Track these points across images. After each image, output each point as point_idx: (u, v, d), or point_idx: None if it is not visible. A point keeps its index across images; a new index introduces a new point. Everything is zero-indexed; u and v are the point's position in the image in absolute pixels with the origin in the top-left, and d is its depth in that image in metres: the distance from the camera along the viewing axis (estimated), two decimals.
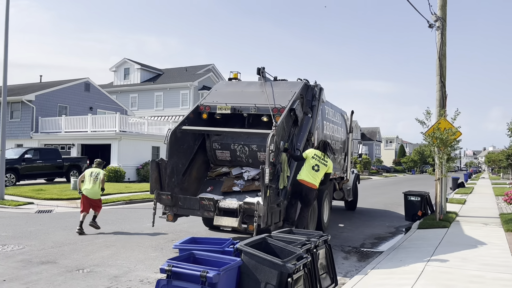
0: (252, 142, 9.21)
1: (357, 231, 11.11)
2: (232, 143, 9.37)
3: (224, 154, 9.56)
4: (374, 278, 6.30)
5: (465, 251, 7.98)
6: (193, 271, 3.92)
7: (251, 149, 9.26)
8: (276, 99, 8.89)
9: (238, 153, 9.40)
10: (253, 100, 9.06)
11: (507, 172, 49.06)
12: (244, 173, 9.33)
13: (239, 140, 9.30)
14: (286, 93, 9.00)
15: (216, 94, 9.74)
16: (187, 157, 9.21)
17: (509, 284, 5.81)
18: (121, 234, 9.86)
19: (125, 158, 25.32)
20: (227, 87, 10.06)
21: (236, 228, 7.49)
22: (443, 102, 13.01)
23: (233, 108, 9.03)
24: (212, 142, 9.55)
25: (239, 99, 9.25)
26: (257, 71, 9.73)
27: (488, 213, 14.37)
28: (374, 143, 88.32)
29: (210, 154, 9.69)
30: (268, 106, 8.67)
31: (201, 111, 9.42)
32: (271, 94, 9.09)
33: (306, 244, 4.98)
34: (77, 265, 6.99)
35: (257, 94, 9.29)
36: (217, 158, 9.69)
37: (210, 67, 44.88)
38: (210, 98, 9.57)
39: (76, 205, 15.11)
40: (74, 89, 31.57)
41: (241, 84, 10.09)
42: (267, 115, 8.76)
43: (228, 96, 9.46)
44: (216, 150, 9.59)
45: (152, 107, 41.25)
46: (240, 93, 9.52)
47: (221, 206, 7.73)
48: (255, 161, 9.31)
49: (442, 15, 13.13)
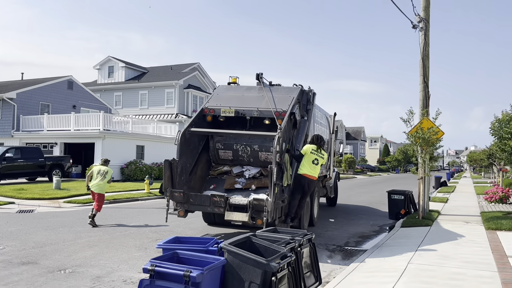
0: (254, 142, 9.91)
1: (341, 230, 11.19)
2: (234, 143, 10.03)
3: (227, 153, 10.21)
4: (358, 276, 6.35)
5: (447, 248, 8.10)
6: (176, 270, 3.89)
7: (252, 149, 9.94)
8: (276, 104, 9.59)
9: (240, 152, 10.07)
10: (255, 104, 9.80)
11: (488, 171, 49.96)
12: (245, 171, 9.96)
13: (242, 140, 9.97)
14: (285, 98, 9.76)
15: (218, 97, 10.35)
16: (194, 156, 9.85)
17: (489, 281, 5.91)
18: (105, 234, 9.75)
19: (109, 157, 24.64)
20: (228, 91, 10.67)
21: (246, 222, 8.17)
22: (426, 102, 13.18)
23: (236, 111, 9.72)
24: (216, 143, 10.18)
25: (241, 103, 9.96)
26: (256, 76, 10.56)
27: (469, 211, 14.61)
28: (358, 142, 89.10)
29: (213, 154, 10.31)
30: (271, 110, 9.41)
31: (205, 113, 10.05)
32: (271, 99, 9.80)
33: (290, 243, 4.99)
34: (58, 265, 6.89)
35: (258, 98, 10.04)
36: (220, 157, 10.31)
37: (195, 65, 44.69)
38: (213, 101, 10.18)
39: (59, 205, 14.91)
40: (56, 87, 31.08)
41: (241, 88, 10.73)
42: (269, 118, 9.52)
43: (230, 99, 10.12)
44: (219, 150, 10.22)
45: (137, 106, 40.86)
46: (241, 97, 10.20)
47: (232, 202, 8.34)
48: (256, 160, 10.04)
49: (425, 16, 13.30)
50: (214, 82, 47.39)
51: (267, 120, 9.62)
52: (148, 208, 14.85)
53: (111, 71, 43.22)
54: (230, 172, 10.09)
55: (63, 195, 16.57)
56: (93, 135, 25.00)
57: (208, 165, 10.37)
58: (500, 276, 6.13)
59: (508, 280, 5.92)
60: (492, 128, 13.00)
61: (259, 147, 9.87)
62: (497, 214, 13.00)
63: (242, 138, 9.91)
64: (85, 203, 15.21)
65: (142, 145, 27.85)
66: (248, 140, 9.94)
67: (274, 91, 10.25)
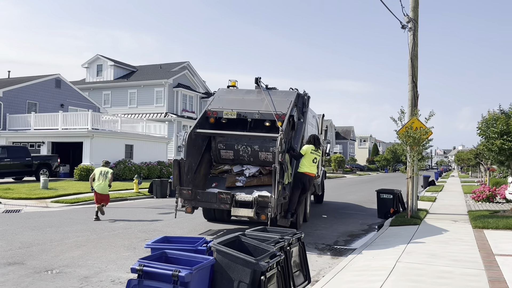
0: (254, 143, 10.44)
1: (331, 229, 11.23)
2: (236, 144, 10.54)
3: (228, 153, 10.71)
4: (347, 275, 6.37)
5: (435, 247, 8.17)
6: (165, 270, 3.85)
7: (253, 149, 10.48)
8: (276, 107, 10.20)
9: (241, 152, 10.58)
10: (255, 106, 10.42)
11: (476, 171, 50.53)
12: (245, 170, 10.50)
13: (243, 141, 10.50)
14: (284, 101, 10.43)
15: (220, 100, 10.90)
16: (198, 156, 10.34)
17: (476, 279, 5.97)
18: (92, 233, 9.66)
19: (97, 156, 24.78)
20: (228, 94, 11.22)
21: (252, 217, 8.82)
22: (415, 101, 13.28)
23: (238, 114, 10.29)
24: (218, 143, 10.68)
25: (242, 105, 10.54)
26: (255, 80, 11.23)
27: (457, 210, 14.76)
28: (348, 142, 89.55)
29: (215, 154, 10.81)
30: (271, 112, 10.00)
31: (208, 115, 10.56)
32: (270, 102, 10.42)
33: (279, 242, 4.98)
34: (45, 266, 6.80)
35: (257, 101, 10.67)
36: (221, 157, 10.80)
37: (185, 64, 44.51)
38: (215, 104, 10.73)
39: (46, 205, 14.74)
40: (44, 86, 30.71)
41: (240, 91, 11.36)
42: (269, 120, 10.10)
43: (231, 102, 10.72)
44: (220, 150, 10.73)
45: (126, 105, 40.57)
46: (241, 100, 10.80)
47: (238, 199, 8.90)
48: (255, 160, 10.57)
49: (414, 17, 13.39)
50: (204, 81, 47.27)
51: (267, 122, 10.16)
52: (137, 207, 14.75)
53: (99, 69, 42.85)
54: (230, 171, 10.56)
55: (50, 194, 16.38)
56: (81, 134, 24.74)
57: (210, 164, 10.83)
58: (487, 274, 6.20)
59: (495, 278, 5.99)
60: (479, 128, 13.14)
61: (259, 147, 10.42)
62: (484, 213, 13.16)
63: (243, 138, 10.44)
64: (73, 203, 15.07)
65: (131, 144, 27.65)
66: (249, 141, 10.46)
67: (273, 94, 10.85)
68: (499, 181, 22.45)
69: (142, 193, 18.73)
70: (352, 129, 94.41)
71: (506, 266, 6.63)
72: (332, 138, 77.90)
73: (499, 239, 8.90)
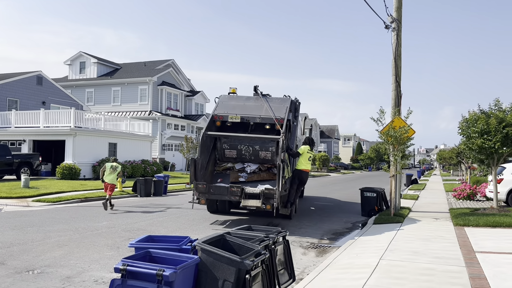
0: (255, 143, 11.87)
1: (315, 227, 11.29)
2: (239, 144, 11.94)
3: (231, 152, 12.10)
4: (331, 273, 6.42)
5: (418, 245, 8.29)
6: (149, 269, 3.82)
7: (254, 149, 11.92)
8: (275, 112, 11.65)
9: (243, 152, 11.99)
10: (256, 111, 11.87)
11: (457, 169, 51.41)
12: (246, 167, 11.92)
13: (245, 142, 11.88)
14: (281, 107, 11.96)
15: (224, 106, 12.28)
16: (207, 155, 11.69)
17: (457, 275, 6.07)
18: (75, 233, 9.53)
19: (80, 154, 24.49)
20: (230, 100, 12.57)
21: (259, 207, 10.22)
22: (398, 101, 13.43)
23: (242, 118, 11.69)
24: (223, 143, 12.06)
25: (244, 110, 11.96)
26: (253, 88, 12.75)
27: (439, 208, 15.00)
28: (332, 140, 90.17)
29: (220, 153, 12.17)
30: (271, 117, 11.48)
31: (215, 119, 11.88)
32: (269, 108, 11.86)
33: (264, 240, 4.98)
34: (27, 266, 6.68)
35: (257, 107, 12.08)
36: (225, 155, 12.17)
37: (170, 62, 44.20)
38: (220, 109, 12.12)
39: (27, 204, 14.50)
40: (25, 83, 30.16)
41: (241, 98, 12.75)
42: (269, 124, 11.52)
43: (234, 108, 12.09)
44: (225, 150, 12.10)
45: (109, 103, 40.12)
46: (243, 106, 12.19)
47: (247, 192, 10.30)
48: (256, 158, 12.03)
49: (397, 17, 13.53)
50: (189, 80, 47.02)
51: (267, 125, 11.58)
52: (121, 206, 14.60)
53: (82, 67, 42.27)
54: (233, 168, 11.96)
55: (31, 193, 16.11)
56: (63, 132, 24.36)
57: (215, 162, 12.17)
58: (468, 271, 6.32)
59: (475, 274, 6.11)
60: (460, 128, 13.36)
61: (260, 147, 11.87)
62: (465, 210, 13.40)
63: (245, 139, 11.82)
64: (55, 202, 14.84)
65: (115, 142, 27.36)
66: (251, 142, 11.87)
67: (270, 101, 12.29)
68: (479, 180, 22.87)
69: (126, 192, 18.55)
70: (337, 128, 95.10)
71: (487, 263, 6.76)
72: (317, 137, 78.31)
73: (480, 237, 9.07)
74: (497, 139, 12.10)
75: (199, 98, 45.87)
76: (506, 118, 12.32)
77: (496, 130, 12.17)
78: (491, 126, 12.22)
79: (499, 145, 12.18)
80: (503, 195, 14.70)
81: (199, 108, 45.97)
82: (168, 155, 38.92)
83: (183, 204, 15.53)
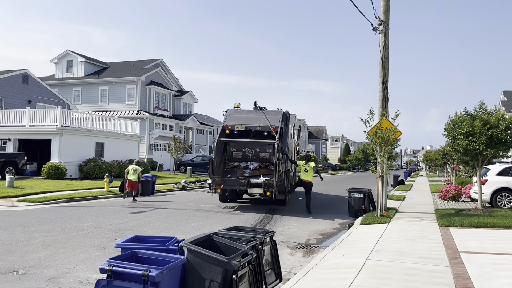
0: (256, 146, 15.21)
1: (303, 227, 11.34)
2: (243, 147, 15.31)
3: (238, 154, 15.51)
4: (318, 273, 6.45)
5: (403, 245, 8.38)
6: (135, 270, 3.80)
7: (255, 151, 15.32)
8: (270, 122, 14.93)
9: (247, 153, 15.42)
10: (256, 122, 15.16)
11: (443, 170, 51.99)
12: (249, 165, 15.17)
13: (248, 145, 15.23)
14: (275, 118, 15.31)
15: (231, 118, 15.52)
16: (220, 156, 14.96)
17: (442, 275, 6.16)
18: (61, 233, 9.42)
19: (66, 154, 24.21)
20: (236, 113, 15.89)
21: (261, 193, 13.88)
22: (385, 102, 13.55)
23: (246, 127, 14.95)
24: (231, 147, 15.42)
25: (247, 121, 15.22)
26: (254, 104, 16.27)
27: (425, 208, 15.17)
28: (320, 141, 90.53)
29: (229, 154, 15.56)
30: (268, 126, 14.72)
31: (225, 129, 15.10)
32: (266, 119, 15.15)
33: (251, 241, 4.99)
34: (11, 266, 6.59)
35: (257, 118, 15.39)
36: (232, 156, 15.56)
37: (158, 61, 43.97)
38: (228, 121, 15.34)
39: (12, 204, 14.30)
40: (10, 81, 29.74)
41: (243, 111, 16.11)
42: (267, 131, 14.68)
43: (239, 119, 15.35)
44: (233, 152, 15.49)
45: (97, 102, 39.76)
46: (246, 118, 15.49)
47: (252, 182, 13.81)
48: (256, 158, 15.40)
49: (385, 19, 13.66)
50: (177, 79, 46.80)
51: (265, 132, 14.71)
52: (107, 206, 14.48)
53: (69, 65, 41.83)
54: (238, 166, 15.19)
55: (16, 193, 15.89)
56: (49, 132, 24.06)
57: (225, 161, 15.44)
58: (452, 270, 6.41)
59: (459, 274, 6.20)
60: (446, 129, 13.53)
61: (260, 149, 15.23)
62: (450, 211, 13.57)
63: (248, 143, 15.13)
64: (41, 202, 14.66)
65: (102, 142, 27.12)
66: (253, 145, 15.17)
67: (266, 113, 15.63)
68: (464, 181, 23.18)
69: (112, 192, 18.40)
70: (325, 129, 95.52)
71: (471, 263, 6.86)
72: (305, 138, 78.57)
73: (464, 237, 9.20)
74: (482, 141, 12.28)
75: (188, 98, 45.71)
76: (490, 120, 12.52)
77: (480, 132, 12.35)
78: (476, 128, 12.40)
79: (484, 147, 12.36)
80: (487, 196, 14.93)
81: (188, 108, 45.80)
82: (156, 155, 38.70)
83: (170, 204, 15.47)
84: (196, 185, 24.12)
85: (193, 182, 24.37)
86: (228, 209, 14.36)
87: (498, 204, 14.84)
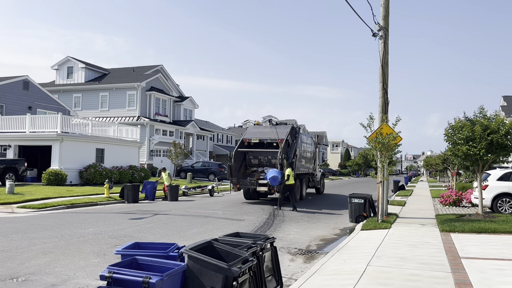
0: (268, 155, 19.45)
1: (303, 233, 11.31)
2: (259, 155, 19.71)
3: (255, 160, 19.90)
4: (318, 279, 6.43)
5: (404, 251, 8.35)
6: (135, 277, 3.79)
7: (268, 158, 19.55)
8: (279, 135, 19.20)
9: (262, 160, 19.74)
10: (268, 135, 19.53)
11: (443, 175, 51.93)
12: (265, 170, 18.93)
13: (262, 154, 19.58)
14: (284, 132, 19.42)
15: (249, 133, 20.29)
16: (239, 162, 19.31)
17: (443, 281, 6.13)
18: (61, 240, 9.40)
19: (67, 160, 24.21)
20: (254, 129, 20.92)
21: (267, 191, 18.13)
22: (385, 108, 13.57)
23: (260, 139, 19.41)
24: (249, 155, 19.89)
25: (261, 135, 19.70)
26: (268, 121, 21.38)
27: (425, 214, 15.14)
28: (321, 146, 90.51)
29: (248, 161, 20.01)
30: (277, 138, 19.10)
31: (244, 141, 19.59)
32: (275, 133, 19.45)
33: (252, 247, 4.98)
34: (11, 273, 6.57)
35: (269, 132, 19.78)
36: (251, 163, 20.00)
37: (158, 68, 44.08)
38: (247, 135, 20.01)
39: (12, 210, 14.29)
40: (11, 87, 29.80)
41: (260, 127, 21.06)
42: (275, 143, 19.05)
43: (255, 134, 19.97)
44: (251, 159, 19.96)
45: (97, 108, 39.82)
46: (261, 132, 20.03)
47: (259, 182, 18.05)
48: (270, 164, 19.39)
49: (385, 25, 13.70)
50: (177, 85, 46.90)
51: (274, 143, 19.11)
52: (107, 213, 14.46)
53: (70, 71, 41.93)
54: (256, 170, 19.36)
55: (16, 199, 15.87)
56: (50, 138, 24.08)
57: (245, 167, 19.83)
58: (454, 276, 6.38)
59: (461, 280, 6.17)
60: (446, 135, 13.52)
61: (271, 157, 19.30)
62: (450, 216, 13.54)
63: (262, 152, 19.51)
64: (41, 208, 14.64)
65: (102, 148, 27.13)
66: (266, 154, 19.45)
67: (277, 128, 19.91)
68: (465, 186, 23.14)
69: (113, 198, 18.38)
70: (325, 134, 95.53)
71: (472, 268, 6.84)
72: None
73: (465, 242, 9.17)
74: (482, 146, 12.28)
75: (188, 104, 45.78)
76: (490, 125, 12.52)
77: (481, 137, 12.35)
78: (476, 133, 12.41)
79: (484, 152, 12.36)
80: (488, 201, 14.90)
81: (188, 113, 45.85)
82: (156, 161, 38.70)
83: (170, 210, 15.44)
84: (196, 191, 24.10)
85: (194, 188, 24.35)
86: (228, 215, 14.34)
87: (499, 209, 14.81)
